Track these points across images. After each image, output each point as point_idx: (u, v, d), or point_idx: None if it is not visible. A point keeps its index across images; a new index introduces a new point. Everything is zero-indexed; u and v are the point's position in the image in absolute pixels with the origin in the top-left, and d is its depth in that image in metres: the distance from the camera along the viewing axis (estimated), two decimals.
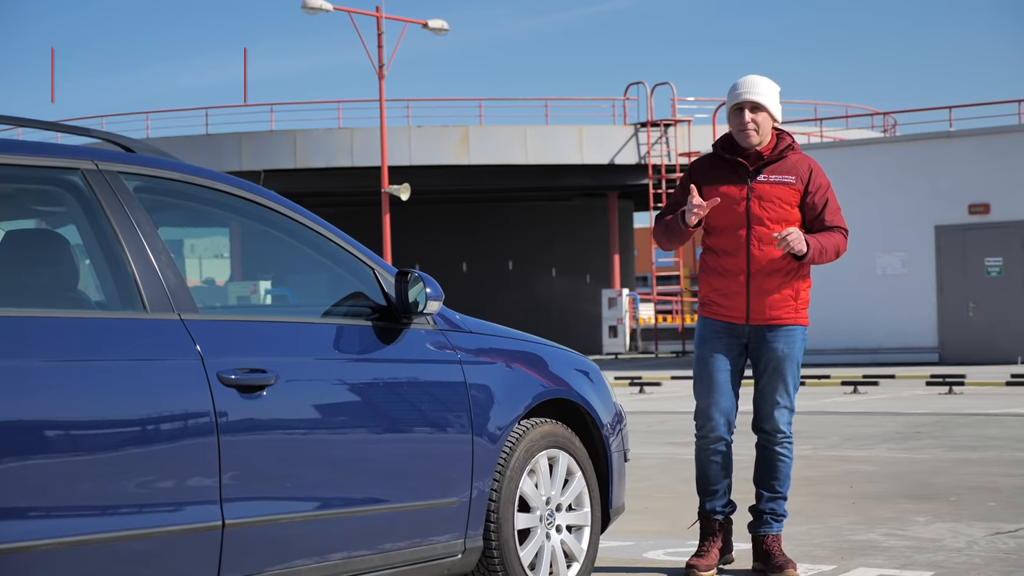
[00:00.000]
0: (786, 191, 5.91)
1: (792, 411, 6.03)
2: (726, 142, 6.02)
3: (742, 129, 5.90)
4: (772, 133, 5.97)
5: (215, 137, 38.47)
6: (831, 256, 5.96)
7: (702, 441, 6.06)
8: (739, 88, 5.93)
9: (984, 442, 11.45)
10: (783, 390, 5.98)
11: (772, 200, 5.90)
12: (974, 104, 31.30)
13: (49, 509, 3.73)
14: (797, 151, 6.00)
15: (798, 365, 6.01)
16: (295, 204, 4.80)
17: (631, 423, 9.27)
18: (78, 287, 4.21)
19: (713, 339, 5.99)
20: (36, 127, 4.35)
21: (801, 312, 6.01)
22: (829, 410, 15.86)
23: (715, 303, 5.99)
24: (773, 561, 5.94)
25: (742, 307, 5.93)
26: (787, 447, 6.03)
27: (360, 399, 4.62)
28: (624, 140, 38.01)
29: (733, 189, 5.93)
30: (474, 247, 44.74)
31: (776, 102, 5.96)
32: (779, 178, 5.92)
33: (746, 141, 5.92)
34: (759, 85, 5.92)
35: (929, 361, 26.62)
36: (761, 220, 5.89)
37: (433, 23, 33.31)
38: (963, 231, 26.58)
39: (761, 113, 5.90)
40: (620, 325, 37.56)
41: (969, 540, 6.60)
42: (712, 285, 6.00)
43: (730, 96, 5.95)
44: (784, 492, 6.07)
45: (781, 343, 5.95)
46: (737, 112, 5.92)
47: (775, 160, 5.94)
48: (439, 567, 4.86)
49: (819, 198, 5.95)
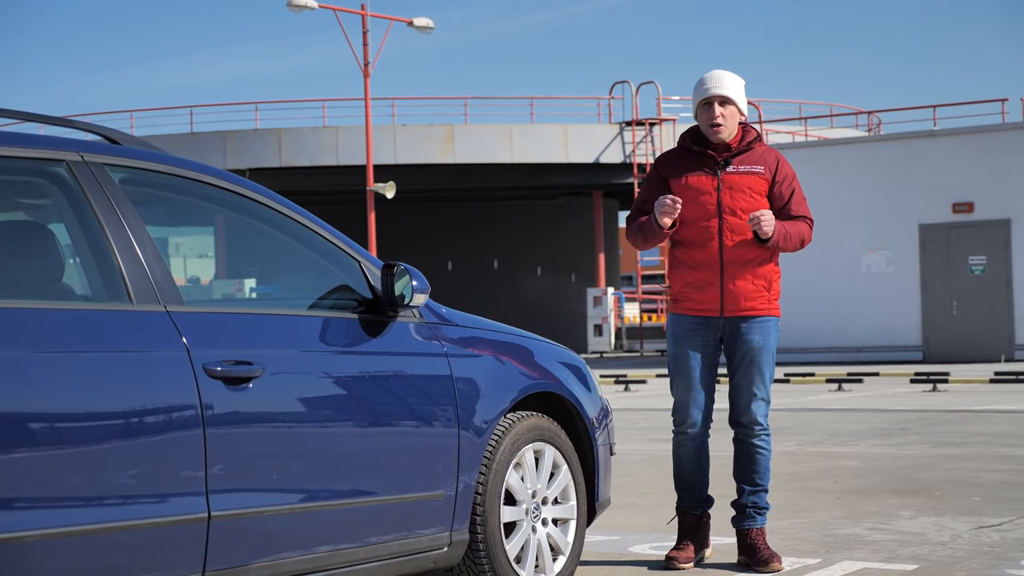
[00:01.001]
0: (755, 180, 5.96)
1: (768, 403, 6.06)
2: (693, 135, 6.07)
3: (712, 123, 5.95)
4: (738, 126, 6.03)
5: (200, 135, 38.40)
6: (795, 243, 6.00)
7: (680, 437, 6.10)
8: (707, 83, 5.98)
9: (968, 438, 11.48)
10: (759, 382, 6.00)
11: (742, 190, 5.94)
12: (958, 103, 31.37)
13: (34, 500, 3.72)
14: (763, 143, 6.07)
15: (773, 356, 6.04)
16: (281, 197, 4.79)
17: (617, 420, 9.27)
18: (63, 279, 4.20)
19: (688, 337, 6.01)
20: (21, 118, 4.34)
21: (774, 303, 6.04)
22: (814, 407, 15.89)
23: (688, 298, 6.01)
24: (758, 555, 5.95)
25: (716, 299, 5.96)
26: (765, 440, 6.06)
27: (346, 392, 4.61)
28: (609, 139, 38.03)
29: (703, 180, 5.97)
30: (459, 246, 44.72)
31: (743, 96, 6.02)
32: (748, 168, 5.98)
33: (716, 135, 5.97)
34: (726, 79, 5.99)
35: (913, 359, 26.68)
36: (732, 210, 5.93)
37: (418, 21, 33.31)
38: (947, 230, 26.65)
39: (729, 107, 5.97)
40: (605, 324, 37.59)
41: (953, 534, 6.62)
42: (685, 279, 6.02)
43: (697, 91, 6.01)
44: (765, 485, 6.09)
45: (756, 334, 5.98)
46: (706, 107, 5.98)
47: (743, 151, 6.00)
48: (425, 560, 4.87)
49: (786, 188, 6.01)
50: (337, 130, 37.48)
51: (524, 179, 39.10)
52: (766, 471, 6.09)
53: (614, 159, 38.02)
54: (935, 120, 30.63)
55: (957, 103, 31.04)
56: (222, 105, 41.21)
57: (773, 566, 5.89)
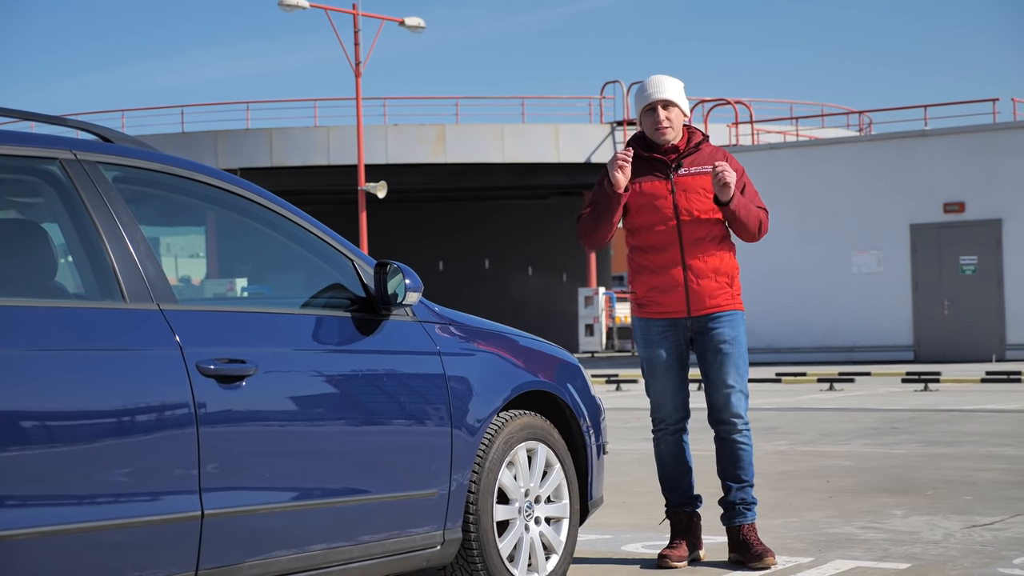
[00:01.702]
0: (708, 180, 6.02)
1: (747, 396, 6.11)
2: (640, 142, 6.14)
3: (658, 127, 6.03)
4: (684, 130, 6.12)
5: (191, 135, 38.35)
6: (754, 221, 6.04)
7: (660, 434, 6.21)
8: (648, 89, 6.08)
9: (960, 437, 11.49)
10: (735, 374, 6.04)
11: (697, 191, 6.01)
12: (949, 103, 31.35)
13: (27, 499, 3.72)
14: (709, 143, 6.15)
15: (745, 349, 6.09)
16: (273, 195, 4.79)
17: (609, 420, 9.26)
18: (56, 277, 4.19)
19: (658, 340, 6.08)
20: (13, 116, 4.33)
21: (737, 298, 6.11)
22: (805, 406, 15.90)
23: (654, 301, 6.07)
24: (752, 550, 5.97)
25: (682, 301, 6.02)
26: (746, 435, 6.10)
27: (339, 390, 4.61)
28: (600, 139, 38.05)
29: (657, 185, 6.04)
30: (450, 245, 44.72)
31: (684, 98, 6.12)
32: (699, 169, 6.05)
33: (662, 138, 6.04)
34: (666, 83, 6.08)
35: (905, 359, 26.71)
36: (690, 212, 6.00)
37: (410, 21, 33.31)
38: (938, 229, 26.68)
39: (673, 109, 6.05)
40: (597, 324, 37.60)
41: (946, 533, 6.63)
42: (648, 284, 6.07)
43: (639, 98, 6.10)
44: (750, 480, 6.11)
45: (726, 327, 6.04)
46: (650, 112, 6.06)
47: (691, 152, 6.08)
48: (418, 558, 4.86)
49: (736, 184, 6.04)
50: (328, 130, 37.46)
51: (515, 179, 39.10)
52: (750, 466, 6.11)
53: (605, 159, 37.93)
54: (926, 120, 30.65)
55: (948, 103, 31.02)
56: (213, 105, 41.20)
57: (767, 561, 5.90)
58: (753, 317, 26.55)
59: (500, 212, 45.41)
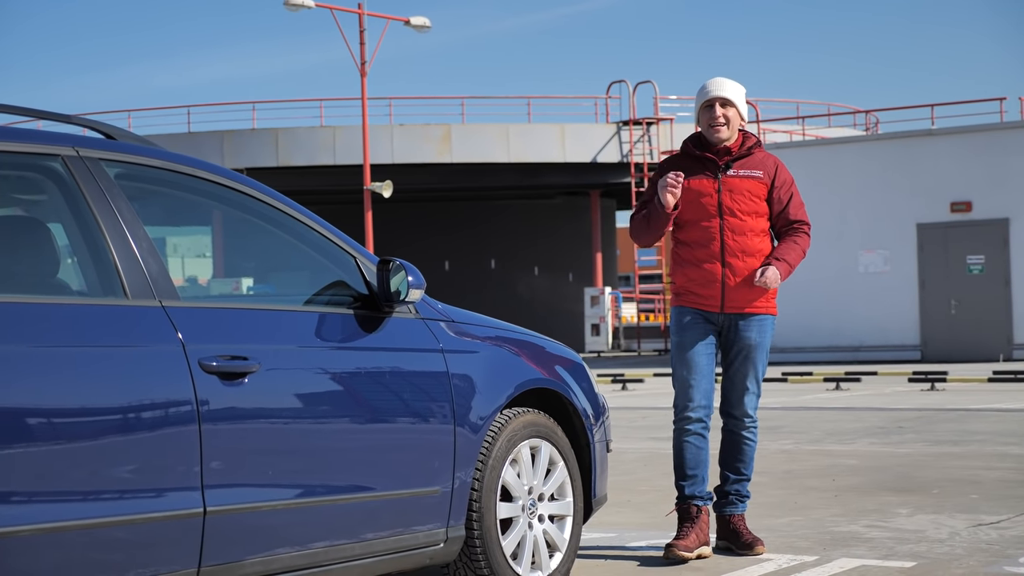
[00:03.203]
0: (755, 184, 6.17)
1: (759, 396, 6.30)
2: (695, 140, 6.28)
3: (713, 124, 6.15)
4: (738, 132, 6.22)
5: (196, 135, 38.37)
6: (798, 261, 6.27)
7: (681, 423, 6.24)
8: (709, 87, 6.22)
9: (966, 436, 11.47)
10: (753, 377, 6.22)
11: (742, 193, 6.15)
12: (956, 102, 31.31)
13: (29, 495, 3.71)
14: (762, 149, 6.27)
15: (767, 353, 6.27)
16: (276, 192, 4.78)
17: (614, 419, 9.24)
18: (58, 274, 4.19)
19: (692, 326, 6.20)
20: (14, 113, 4.32)
21: (771, 301, 6.25)
22: (811, 406, 15.88)
23: (692, 292, 6.20)
24: (742, 539, 6.17)
25: (717, 296, 6.15)
26: (753, 431, 6.31)
27: (342, 387, 4.60)
28: (606, 138, 38.02)
29: (705, 183, 6.17)
30: (456, 245, 44.71)
31: (743, 102, 6.24)
32: (748, 172, 6.18)
33: (716, 136, 6.17)
34: (727, 84, 6.23)
35: (911, 359, 26.67)
36: (732, 211, 6.13)
37: (415, 20, 33.29)
38: (945, 229, 26.64)
39: (731, 109, 6.18)
40: (603, 323, 37.58)
41: (951, 531, 6.61)
42: (688, 276, 6.20)
43: (700, 95, 6.24)
44: (749, 474, 6.33)
45: (754, 332, 6.18)
46: (708, 108, 6.19)
47: (743, 156, 6.21)
48: (421, 556, 4.85)
49: (784, 193, 6.23)
50: (334, 130, 37.46)
51: (521, 179, 39.08)
52: (751, 461, 6.32)
53: (611, 159, 38.02)
54: (933, 119, 30.62)
55: (955, 102, 31.00)
56: (219, 105, 41.22)
57: (757, 549, 6.12)
58: None
59: (506, 212, 45.39)
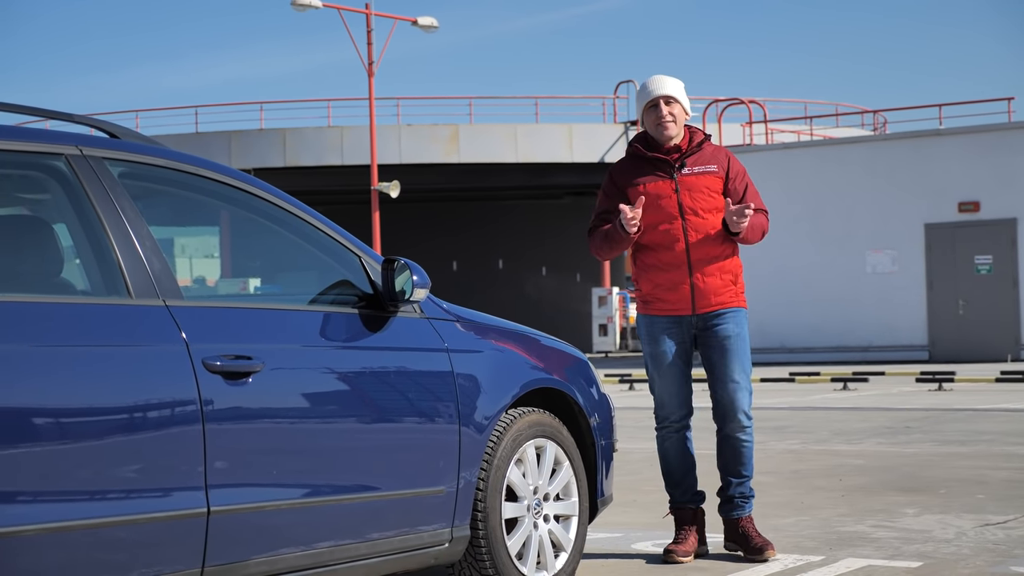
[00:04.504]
0: (711, 179, 6.09)
1: (751, 393, 6.15)
2: (642, 141, 6.18)
3: (660, 122, 6.07)
4: (685, 130, 6.15)
5: (204, 136, 38.41)
6: (758, 235, 6.14)
7: (664, 432, 6.21)
8: (650, 86, 6.13)
9: (973, 436, 11.45)
10: (739, 369, 6.09)
11: (700, 190, 6.06)
12: (963, 102, 31.25)
13: (33, 495, 3.71)
14: (711, 142, 6.19)
15: (748, 346, 6.14)
16: (280, 191, 4.77)
17: (621, 419, 9.21)
18: (62, 273, 4.18)
19: (662, 336, 6.12)
20: (20, 112, 4.32)
21: (741, 296, 6.17)
22: (819, 406, 15.86)
23: (659, 299, 6.11)
24: (752, 543, 6.03)
25: (687, 298, 6.06)
26: (749, 432, 6.16)
27: (346, 387, 4.59)
28: (614, 138, 38.01)
29: (661, 184, 6.08)
30: (464, 245, 44.72)
31: (685, 96, 6.16)
32: (702, 168, 6.10)
33: (664, 134, 6.08)
34: (667, 81, 6.15)
35: (919, 359, 26.63)
36: (694, 210, 6.04)
37: (423, 20, 33.31)
38: (953, 229, 26.60)
39: (675, 105, 6.10)
40: (610, 323, 37.59)
41: (958, 531, 6.59)
42: (654, 281, 6.11)
43: (641, 96, 6.15)
44: (750, 474, 6.21)
45: (729, 323, 6.09)
46: (653, 108, 6.11)
47: (694, 152, 6.11)
48: (426, 556, 4.84)
49: (739, 184, 6.13)
50: (342, 130, 37.49)
51: (529, 179, 39.08)
52: (750, 461, 6.19)
53: (618, 158, 37.95)
54: (941, 119, 30.59)
55: (963, 102, 30.94)
56: (227, 105, 41.21)
57: (767, 553, 5.97)
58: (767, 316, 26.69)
59: (514, 212, 45.39)
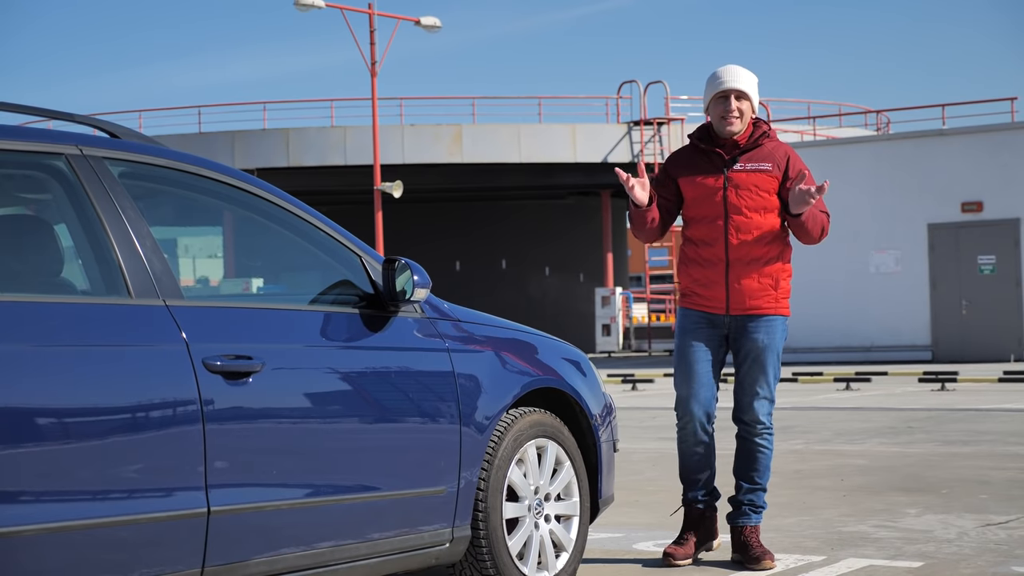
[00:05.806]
0: (763, 178, 5.93)
1: (772, 402, 6.03)
2: (702, 133, 6.04)
3: (726, 116, 5.92)
4: (749, 123, 6.00)
5: (208, 135, 38.41)
6: (817, 229, 6.03)
7: (683, 432, 6.07)
8: (722, 77, 5.95)
9: (976, 437, 11.44)
10: (763, 381, 5.97)
11: (749, 188, 5.92)
12: (967, 102, 31.33)
13: (34, 495, 3.71)
14: (773, 138, 6.03)
15: (778, 356, 6.01)
16: (281, 191, 4.77)
17: (624, 419, 9.26)
18: (62, 273, 4.18)
19: (694, 330, 6.00)
20: (22, 112, 4.32)
21: (781, 302, 6.00)
22: (821, 406, 15.85)
23: (696, 294, 6.00)
24: (751, 552, 5.92)
25: (722, 297, 5.94)
26: (767, 439, 6.03)
27: (347, 387, 4.59)
28: (617, 138, 37.99)
29: (710, 179, 5.95)
30: (467, 246, 44.70)
31: (756, 93, 6.01)
32: (755, 166, 5.93)
33: (728, 129, 5.93)
34: (742, 74, 5.96)
35: (922, 359, 26.61)
36: (739, 209, 5.91)
37: (426, 20, 33.29)
38: (956, 229, 26.58)
39: (745, 102, 5.95)
40: (613, 324, 37.57)
41: (960, 531, 6.58)
42: (692, 276, 6.01)
43: (712, 84, 5.97)
44: (764, 484, 6.07)
45: (761, 333, 5.94)
46: (722, 100, 5.94)
47: (750, 148, 5.96)
48: (427, 556, 4.84)
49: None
50: (345, 130, 37.48)
51: (532, 179, 39.07)
52: (766, 470, 6.06)
53: (622, 159, 37.97)
54: (944, 119, 30.59)
55: (966, 102, 31.00)
56: (230, 105, 41.21)
57: (765, 564, 5.84)
58: None
59: (517, 212, 45.37)
